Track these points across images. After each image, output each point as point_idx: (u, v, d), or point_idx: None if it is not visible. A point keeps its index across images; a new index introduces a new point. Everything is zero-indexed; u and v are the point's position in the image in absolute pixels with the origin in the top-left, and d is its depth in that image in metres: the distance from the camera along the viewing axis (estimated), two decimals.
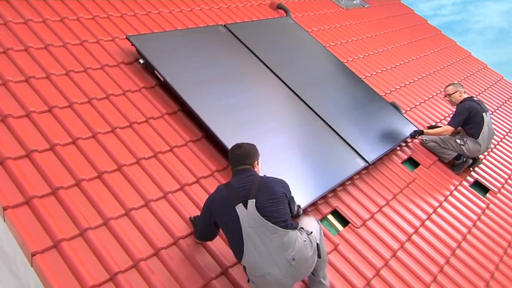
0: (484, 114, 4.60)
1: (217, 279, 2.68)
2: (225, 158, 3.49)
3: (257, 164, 2.71)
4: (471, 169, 4.94)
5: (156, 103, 3.65)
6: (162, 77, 3.71)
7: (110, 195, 2.80)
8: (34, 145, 2.82)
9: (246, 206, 2.40)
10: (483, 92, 7.07)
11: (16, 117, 2.95)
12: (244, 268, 2.52)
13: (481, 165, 5.11)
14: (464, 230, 4.15)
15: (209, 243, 2.82)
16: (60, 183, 2.68)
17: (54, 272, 2.30)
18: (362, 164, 3.96)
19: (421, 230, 3.89)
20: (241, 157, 2.64)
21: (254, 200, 2.41)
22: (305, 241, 2.42)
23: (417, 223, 3.92)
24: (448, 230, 4.04)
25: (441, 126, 4.93)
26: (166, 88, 3.81)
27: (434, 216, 4.11)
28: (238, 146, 2.70)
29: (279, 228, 2.37)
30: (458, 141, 4.63)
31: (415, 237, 3.78)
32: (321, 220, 3.50)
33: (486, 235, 4.25)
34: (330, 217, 3.57)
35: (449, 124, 4.68)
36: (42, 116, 3.06)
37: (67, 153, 2.89)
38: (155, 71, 3.77)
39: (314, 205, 3.54)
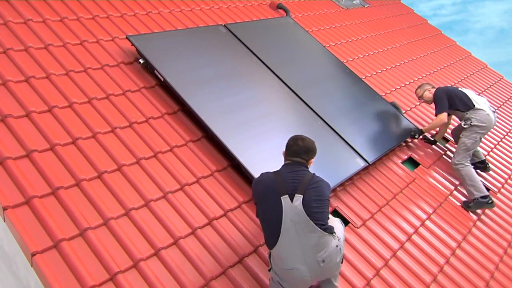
0: (460, 88, 4.63)
1: (217, 279, 2.68)
2: (225, 158, 3.49)
3: (312, 162, 2.69)
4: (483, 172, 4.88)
5: (156, 103, 3.65)
6: (162, 77, 3.71)
7: (110, 195, 2.80)
8: (34, 145, 2.82)
9: (292, 200, 2.40)
10: (483, 92, 7.07)
11: (16, 117, 2.95)
12: (269, 256, 2.55)
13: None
14: (464, 230, 4.15)
15: (208, 242, 2.82)
16: (60, 183, 2.68)
17: (54, 272, 2.30)
18: (362, 164, 3.97)
19: (421, 230, 3.89)
20: (301, 150, 2.60)
21: (302, 196, 2.40)
22: (337, 246, 2.47)
23: (417, 223, 3.92)
24: (448, 230, 4.04)
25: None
26: (166, 88, 3.81)
27: (434, 216, 4.11)
28: (302, 138, 2.65)
29: (319, 229, 2.40)
30: (464, 124, 4.48)
31: (415, 237, 3.78)
32: None
33: (486, 235, 4.25)
34: (330, 217, 3.57)
35: (436, 114, 4.59)
36: (42, 116, 3.06)
37: (67, 153, 2.89)
38: (155, 71, 3.77)
39: None
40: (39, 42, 3.61)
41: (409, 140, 4.91)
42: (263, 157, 3.48)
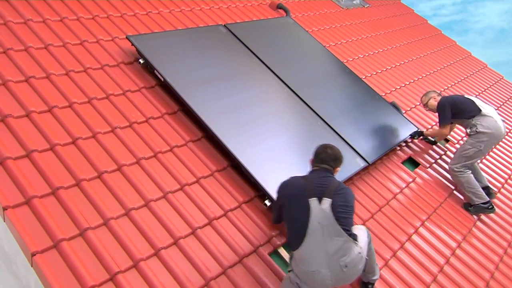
0: (466, 96, 4.47)
1: (217, 279, 2.68)
2: (225, 158, 3.49)
3: (338, 170, 2.78)
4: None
5: (156, 103, 3.65)
6: (162, 77, 3.71)
7: (110, 195, 2.80)
8: (34, 145, 2.82)
9: (320, 202, 2.46)
10: (483, 92, 7.07)
11: (16, 117, 2.95)
12: (291, 257, 2.58)
13: (480, 165, 5.10)
14: (464, 230, 4.15)
15: (208, 242, 2.82)
16: (60, 183, 2.68)
17: (54, 272, 2.31)
18: (362, 164, 3.96)
19: (421, 230, 3.89)
20: (329, 157, 2.69)
21: (331, 200, 2.46)
22: (359, 253, 2.51)
23: (417, 223, 3.92)
24: (448, 230, 4.04)
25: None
26: (166, 88, 3.81)
27: (434, 216, 4.11)
28: (330, 147, 2.75)
29: (345, 234, 2.45)
30: (469, 131, 4.27)
31: (415, 237, 3.78)
32: None
33: (486, 235, 4.25)
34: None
35: (439, 126, 4.50)
36: (42, 116, 3.06)
37: (67, 153, 2.89)
38: (155, 71, 3.77)
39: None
40: (39, 42, 3.61)
41: (409, 140, 4.90)
42: (263, 157, 3.48)
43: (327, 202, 2.46)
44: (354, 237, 2.52)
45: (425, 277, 3.47)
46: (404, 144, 4.84)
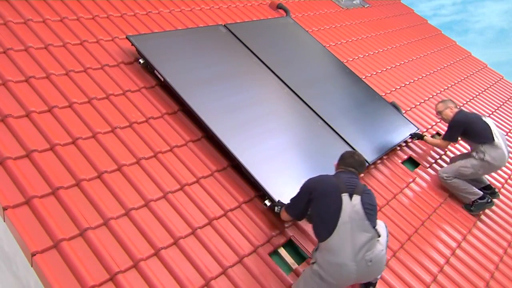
0: (483, 118, 4.29)
1: (217, 279, 2.68)
2: (225, 158, 3.49)
3: (361, 176, 2.94)
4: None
5: (156, 103, 3.65)
6: (162, 77, 3.71)
7: (110, 195, 2.80)
8: (34, 145, 2.82)
9: (351, 198, 2.59)
10: (483, 92, 7.07)
11: (16, 117, 2.95)
12: (315, 250, 2.66)
13: None
14: (464, 230, 4.15)
15: (208, 242, 2.82)
16: (60, 183, 2.68)
17: (54, 272, 2.30)
18: None
19: (421, 230, 3.89)
20: (356, 164, 2.87)
21: (360, 197, 2.60)
22: (382, 250, 2.64)
23: (417, 223, 3.92)
24: (448, 230, 4.04)
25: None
26: (166, 88, 3.81)
27: (434, 216, 4.11)
28: (358, 154, 2.95)
29: (373, 229, 2.57)
30: (475, 154, 4.18)
31: (415, 237, 3.78)
32: None
33: (486, 235, 4.25)
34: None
35: (443, 138, 4.42)
36: (42, 116, 3.06)
37: (67, 153, 2.89)
38: (155, 71, 3.77)
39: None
40: (39, 42, 3.61)
41: (409, 140, 4.90)
42: (263, 157, 3.48)
43: (357, 198, 2.59)
44: (378, 234, 2.64)
45: (425, 277, 3.47)
46: (404, 144, 4.84)
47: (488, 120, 4.29)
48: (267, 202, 3.20)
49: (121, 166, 2.99)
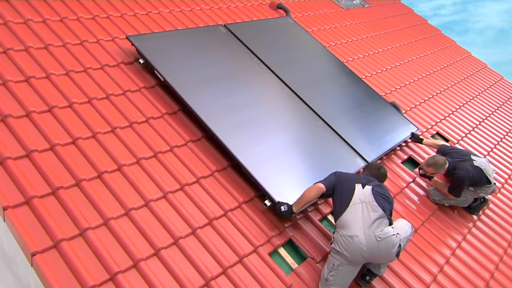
0: (474, 159, 4.12)
1: (217, 279, 2.68)
2: (225, 158, 3.49)
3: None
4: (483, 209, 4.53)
5: (156, 103, 3.65)
6: (162, 77, 3.71)
7: (110, 195, 2.80)
8: (34, 145, 2.82)
9: (363, 188, 3.06)
10: (483, 92, 7.07)
11: (16, 117, 2.95)
12: (334, 232, 3.02)
13: None
14: (464, 230, 4.15)
15: (208, 242, 2.82)
16: (60, 183, 2.68)
17: (54, 272, 2.31)
18: (362, 164, 3.96)
19: (421, 230, 3.89)
20: (380, 176, 3.31)
21: (371, 187, 3.07)
22: (393, 234, 2.91)
23: (417, 223, 3.92)
24: (448, 230, 4.04)
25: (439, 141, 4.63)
26: (166, 88, 3.81)
27: (433, 217, 4.11)
28: (384, 168, 3.39)
29: (381, 209, 2.95)
30: (471, 189, 4.16)
31: (415, 237, 3.78)
32: (321, 220, 3.51)
33: (486, 235, 4.25)
34: (331, 217, 3.58)
35: (448, 190, 4.10)
36: (42, 116, 3.06)
37: (67, 153, 2.89)
38: (155, 71, 3.77)
39: (314, 204, 3.54)
40: (39, 42, 3.61)
41: (409, 140, 4.90)
42: (263, 157, 3.48)
43: (368, 187, 3.06)
44: (390, 220, 3.00)
45: (425, 277, 3.47)
46: (404, 144, 4.84)
47: (479, 163, 4.11)
48: (267, 202, 3.20)
49: (121, 166, 2.99)
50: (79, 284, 2.30)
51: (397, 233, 2.93)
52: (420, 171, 4.38)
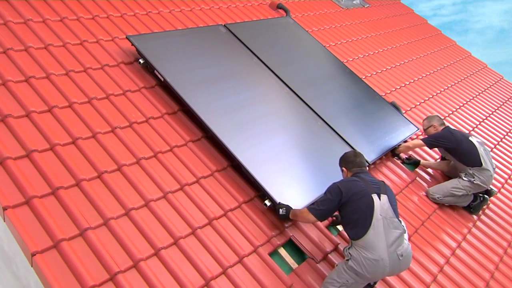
0: (470, 138, 4.20)
1: (217, 279, 2.68)
2: (225, 158, 3.49)
3: None
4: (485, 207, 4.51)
5: (156, 103, 3.65)
6: (162, 77, 3.71)
7: (110, 195, 2.80)
8: (34, 145, 2.82)
9: (379, 198, 2.78)
10: (483, 92, 7.07)
11: (16, 117, 2.94)
12: (349, 248, 2.80)
13: None
14: (464, 230, 4.15)
15: (208, 242, 2.82)
16: (60, 183, 2.68)
17: (54, 272, 2.30)
18: None
19: (421, 230, 3.89)
20: (362, 163, 3.05)
21: (386, 196, 2.81)
22: (409, 245, 2.82)
23: (417, 223, 3.92)
24: (448, 230, 4.04)
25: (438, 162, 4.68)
26: (166, 88, 3.81)
27: (434, 217, 4.11)
28: (357, 155, 3.10)
29: (402, 226, 2.80)
30: (464, 176, 4.16)
31: (415, 237, 3.78)
32: None
33: (486, 235, 4.25)
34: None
35: (423, 139, 4.28)
36: (42, 116, 3.06)
37: (67, 153, 2.89)
38: (155, 71, 3.77)
39: (314, 204, 3.53)
40: (39, 42, 3.61)
41: (409, 140, 4.90)
42: (263, 157, 3.48)
43: (384, 198, 2.80)
44: (405, 229, 2.84)
45: (425, 277, 3.47)
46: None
47: (474, 140, 4.20)
48: (267, 202, 3.20)
49: (121, 166, 2.99)
50: (79, 284, 2.29)
51: (406, 239, 2.83)
52: (400, 156, 4.51)
